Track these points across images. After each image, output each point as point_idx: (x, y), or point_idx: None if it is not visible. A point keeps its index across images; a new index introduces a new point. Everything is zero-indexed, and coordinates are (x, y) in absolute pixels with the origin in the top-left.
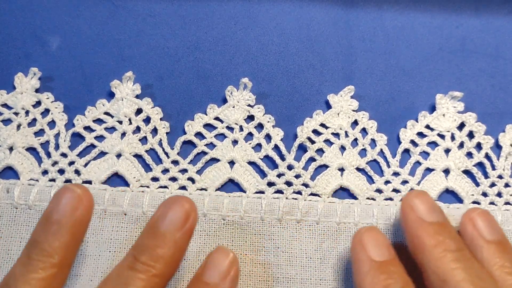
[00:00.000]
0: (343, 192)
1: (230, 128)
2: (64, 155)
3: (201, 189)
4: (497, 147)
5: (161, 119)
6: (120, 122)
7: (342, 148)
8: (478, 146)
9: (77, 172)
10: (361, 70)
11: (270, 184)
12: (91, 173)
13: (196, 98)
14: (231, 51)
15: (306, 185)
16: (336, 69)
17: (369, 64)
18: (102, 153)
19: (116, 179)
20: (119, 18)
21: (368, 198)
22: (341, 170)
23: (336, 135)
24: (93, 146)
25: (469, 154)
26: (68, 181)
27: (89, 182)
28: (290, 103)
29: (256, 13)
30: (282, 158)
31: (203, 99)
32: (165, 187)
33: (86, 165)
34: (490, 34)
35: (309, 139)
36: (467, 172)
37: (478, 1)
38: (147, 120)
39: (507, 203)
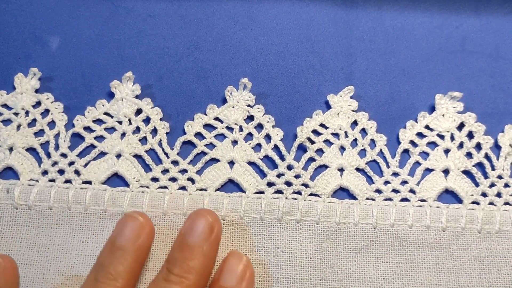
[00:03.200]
0: (343, 192)
1: (230, 128)
2: (64, 155)
3: (201, 189)
4: (497, 147)
5: (160, 119)
6: (120, 122)
7: (342, 149)
8: (478, 146)
9: (77, 172)
10: (360, 70)
11: (270, 184)
12: (91, 173)
13: (196, 98)
14: (231, 51)
15: (305, 185)
16: (336, 69)
17: (368, 64)
18: (102, 153)
19: (116, 179)
20: (119, 18)
21: (367, 199)
22: (341, 170)
23: (336, 135)
24: (93, 146)
25: (469, 154)
26: (68, 181)
27: (89, 182)
28: (290, 103)
29: (256, 13)
30: (282, 158)
31: (203, 99)
32: (165, 187)
33: (86, 165)
34: (490, 34)
35: (309, 139)
36: (466, 172)
37: (478, 1)
38: (147, 120)
39: (506, 203)
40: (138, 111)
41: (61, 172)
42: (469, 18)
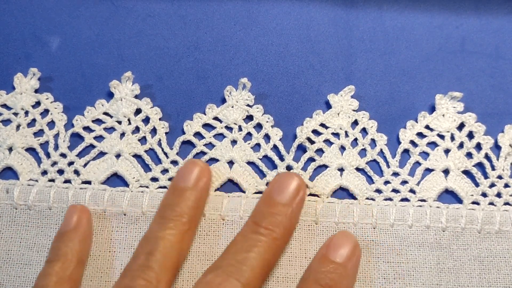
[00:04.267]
0: (343, 192)
1: (229, 128)
2: (63, 155)
3: None
4: (497, 147)
5: (160, 119)
6: (119, 122)
7: (342, 148)
8: (478, 147)
9: (76, 172)
10: (361, 71)
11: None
12: (91, 173)
13: (196, 98)
14: (231, 51)
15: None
16: (336, 69)
17: (369, 64)
18: (102, 153)
19: (116, 179)
20: (119, 18)
21: (367, 198)
22: (341, 170)
23: (336, 135)
24: (92, 146)
25: (469, 155)
26: (67, 181)
27: (89, 182)
28: (290, 103)
29: (256, 14)
30: (281, 158)
31: (203, 99)
32: (165, 187)
33: (85, 165)
34: (490, 34)
35: (309, 139)
36: (466, 173)
37: (478, 1)
38: (146, 120)
39: (506, 203)
40: (138, 111)
41: (60, 172)
42: (469, 18)
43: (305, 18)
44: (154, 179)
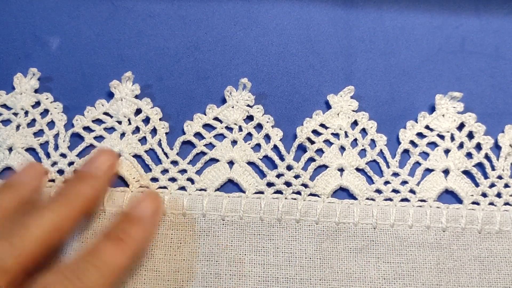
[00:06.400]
0: (343, 193)
1: (229, 128)
2: (63, 155)
3: (201, 190)
4: (497, 147)
5: (160, 119)
6: (120, 122)
7: (342, 149)
8: (478, 147)
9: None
10: (360, 71)
11: (270, 184)
12: None
13: (196, 98)
14: (231, 52)
15: (305, 185)
16: (336, 70)
17: (369, 65)
18: None
19: (115, 179)
20: (119, 18)
21: (367, 199)
22: (341, 170)
23: (336, 135)
24: (92, 146)
25: (469, 155)
26: None
27: None
28: (290, 103)
29: (256, 14)
30: (282, 158)
31: (203, 99)
32: (165, 187)
33: None
34: (490, 34)
35: (309, 139)
36: (466, 173)
37: (478, 1)
38: (146, 120)
39: (506, 203)
40: (138, 111)
41: (60, 172)
42: (469, 18)
43: (305, 18)
44: (154, 179)
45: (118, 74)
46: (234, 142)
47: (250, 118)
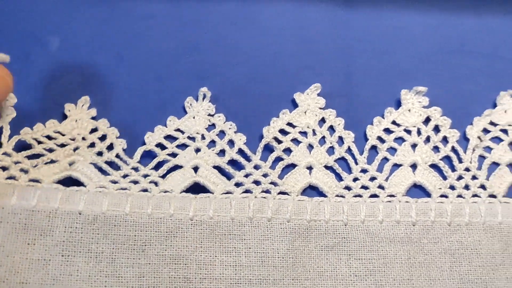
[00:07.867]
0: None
1: (191, 138)
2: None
3: (165, 192)
4: (465, 139)
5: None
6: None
7: (310, 147)
8: (445, 140)
9: (23, 170)
10: (359, 71)
11: (238, 184)
12: (39, 175)
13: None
14: (231, 51)
15: (274, 184)
16: (335, 69)
17: (368, 64)
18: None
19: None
20: (119, 19)
21: (337, 196)
22: (310, 168)
23: (304, 133)
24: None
25: (436, 148)
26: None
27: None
28: (290, 103)
29: (255, 14)
30: (248, 160)
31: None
32: (125, 189)
33: (36, 166)
34: (489, 34)
35: (276, 139)
36: (434, 166)
37: (478, 1)
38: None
39: (474, 195)
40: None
41: (23, 171)
42: (469, 18)
43: (302, 18)
44: (114, 182)
45: (118, 74)
46: (197, 150)
47: (212, 126)
